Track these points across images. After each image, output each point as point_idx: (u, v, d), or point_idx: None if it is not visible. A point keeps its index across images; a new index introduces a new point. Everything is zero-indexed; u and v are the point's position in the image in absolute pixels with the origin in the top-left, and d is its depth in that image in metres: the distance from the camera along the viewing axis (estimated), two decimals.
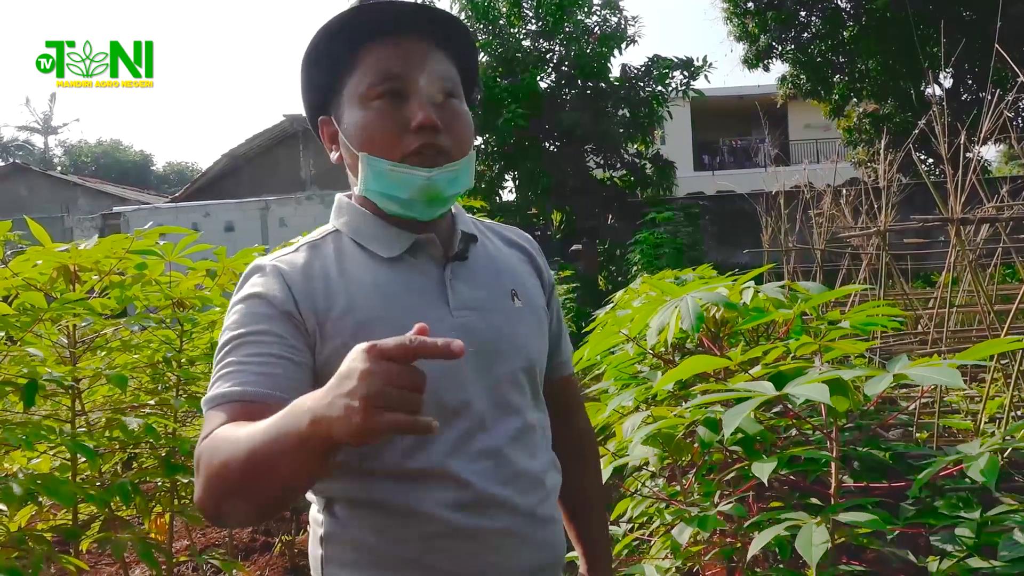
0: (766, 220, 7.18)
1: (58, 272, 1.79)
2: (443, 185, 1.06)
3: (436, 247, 1.11)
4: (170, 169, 47.40)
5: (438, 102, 1.07)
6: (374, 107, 1.06)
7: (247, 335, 0.99)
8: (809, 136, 23.99)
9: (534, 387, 1.15)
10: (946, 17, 13.61)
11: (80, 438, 1.59)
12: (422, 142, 1.04)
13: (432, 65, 1.07)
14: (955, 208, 3.13)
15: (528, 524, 1.06)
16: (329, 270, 1.07)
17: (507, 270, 1.18)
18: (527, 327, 1.15)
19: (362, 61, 1.07)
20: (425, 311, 1.04)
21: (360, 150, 1.07)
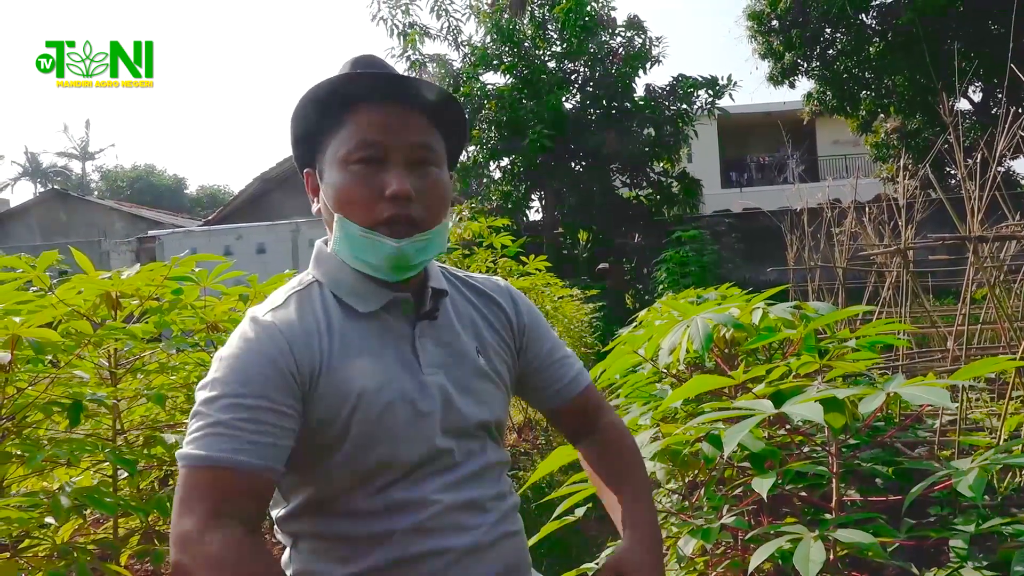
0: (791, 238, 7.19)
1: (101, 299, 1.90)
2: (411, 254, 1.10)
3: (409, 305, 1.16)
4: (203, 192, 48.21)
5: (415, 171, 1.11)
6: (352, 171, 1.10)
7: (242, 399, 1.01)
8: (838, 152, 23.85)
9: (494, 435, 1.22)
10: (973, 31, 13.55)
11: (121, 454, 1.69)
12: (393, 212, 1.08)
13: (413, 135, 1.11)
14: (973, 226, 3.16)
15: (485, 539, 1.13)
16: (319, 324, 1.10)
17: (471, 326, 1.23)
18: (488, 383, 1.20)
19: (347, 124, 1.12)
20: (399, 369, 1.11)
21: (336, 211, 1.12)
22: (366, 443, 1.08)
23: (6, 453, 1.67)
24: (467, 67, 14.28)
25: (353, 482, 1.09)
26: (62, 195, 23.56)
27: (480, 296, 1.28)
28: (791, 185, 8.18)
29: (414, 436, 1.10)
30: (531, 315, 1.31)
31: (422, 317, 1.16)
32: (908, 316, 4.58)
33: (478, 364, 1.19)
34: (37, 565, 1.65)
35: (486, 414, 1.19)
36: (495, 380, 1.22)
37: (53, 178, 44.42)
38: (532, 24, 14.05)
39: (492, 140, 13.80)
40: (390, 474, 1.09)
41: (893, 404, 3.31)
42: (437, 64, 14.36)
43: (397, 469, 1.10)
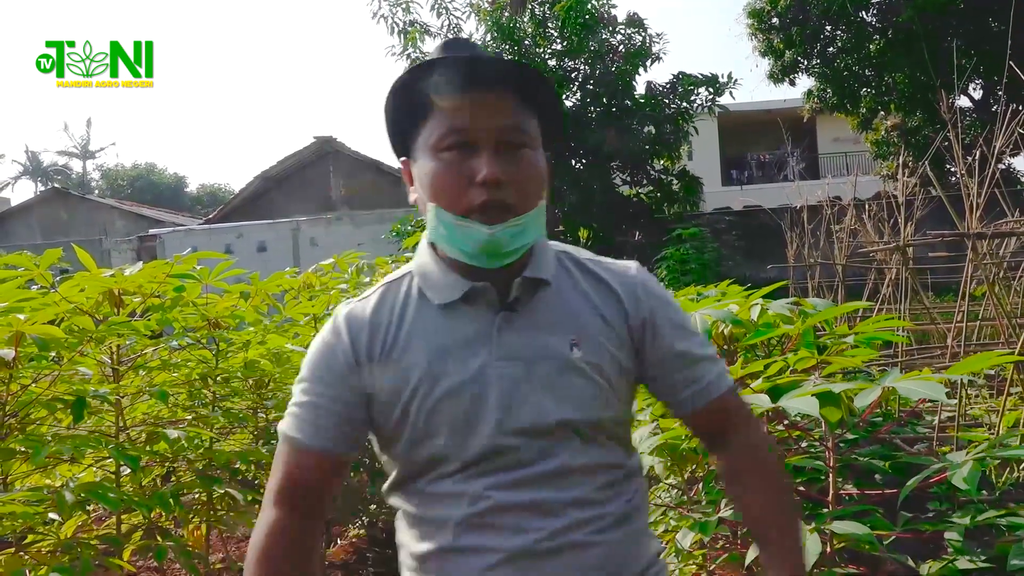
0: (791, 235, 7.21)
1: (103, 296, 1.91)
2: (506, 240, 1.08)
3: (492, 294, 1.12)
4: (203, 191, 48.22)
5: (506, 154, 1.08)
6: (443, 159, 1.09)
7: (309, 385, 1.13)
8: (838, 150, 23.84)
9: (585, 434, 1.12)
10: (973, 28, 13.55)
11: (124, 450, 1.70)
12: (485, 198, 1.06)
13: (503, 118, 1.09)
14: (971, 222, 3.18)
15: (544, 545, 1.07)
16: (392, 316, 1.14)
17: (572, 317, 1.15)
18: (580, 378, 1.12)
19: (437, 111, 1.10)
20: (467, 359, 1.09)
21: (429, 200, 1.11)
22: (422, 434, 1.09)
23: (10, 449, 1.68)
24: None
25: (417, 469, 1.12)
26: (63, 194, 23.60)
27: (597, 284, 1.19)
28: (792, 183, 8.18)
29: (471, 430, 1.08)
30: (657, 309, 1.19)
31: (504, 308, 1.12)
32: (908, 313, 4.59)
33: (568, 357, 1.11)
34: (41, 560, 1.66)
35: (569, 412, 1.10)
36: (590, 375, 1.13)
37: (54, 177, 44.44)
38: (532, 22, 14.04)
39: None
40: (445, 465, 1.10)
41: (892, 400, 3.32)
42: None
43: (453, 462, 1.09)
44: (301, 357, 2.53)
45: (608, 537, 1.11)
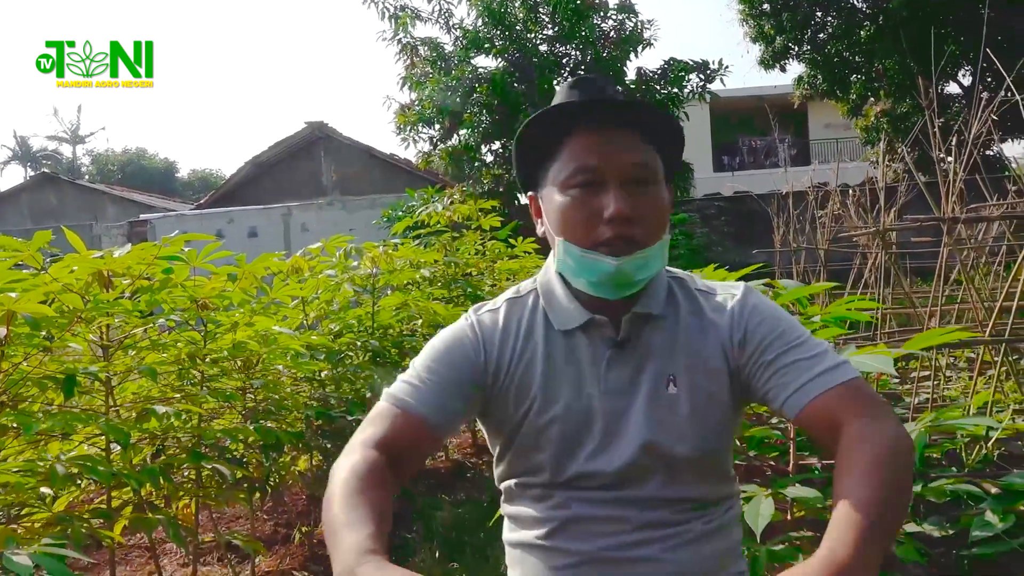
0: (777, 221, 7.28)
1: (93, 277, 1.96)
2: (631, 271, 1.14)
3: (607, 328, 1.19)
4: (194, 176, 48.04)
5: (632, 190, 1.13)
6: (571, 195, 1.15)
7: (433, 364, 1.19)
8: (829, 136, 23.91)
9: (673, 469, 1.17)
10: (963, 15, 13.59)
11: (115, 425, 1.75)
12: (613, 233, 1.12)
13: (630, 156, 1.15)
14: (947, 208, 3.24)
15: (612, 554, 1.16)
16: (519, 331, 1.22)
17: (673, 354, 1.19)
18: (674, 415, 1.17)
19: (566, 149, 1.17)
20: (579, 388, 1.18)
21: (558, 235, 1.18)
22: (530, 446, 1.19)
23: (2, 426, 1.73)
24: (459, 50, 14.25)
25: (518, 470, 1.23)
26: (52, 179, 23.50)
27: (702, 318, 1.21)
28: (782, 169, 8.24)
29: (570, 455, 1.17)
30: (750, 325, 1.18)
31: (616, 343, 1.19)
32: (890, 297, 4.66)
33: (666, 394, 1.17)
34: (34, 533, 1.72)
35: (660, 448, 1.15)
36: (684, 413, 1.17)
37: (43, 162, 44.18)
38: (523, 7, 14.01)
39: (484, 123, 13.80)
40: (541, 476, 1.19)
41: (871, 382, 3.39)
42: (429, 47, 14.32)
43: (548, 475, 1.19)
44: (288, 339, 2.59)
45: (680, 555, 1.15)
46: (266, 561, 3.22)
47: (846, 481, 0.96)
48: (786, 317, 1.19)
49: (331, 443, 2.93)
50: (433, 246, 4.99)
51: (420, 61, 14.40)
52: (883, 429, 1.02)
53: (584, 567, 1.16)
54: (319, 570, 3.14)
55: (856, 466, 0.97)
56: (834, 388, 1.08)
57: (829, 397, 1.07)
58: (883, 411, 1.06)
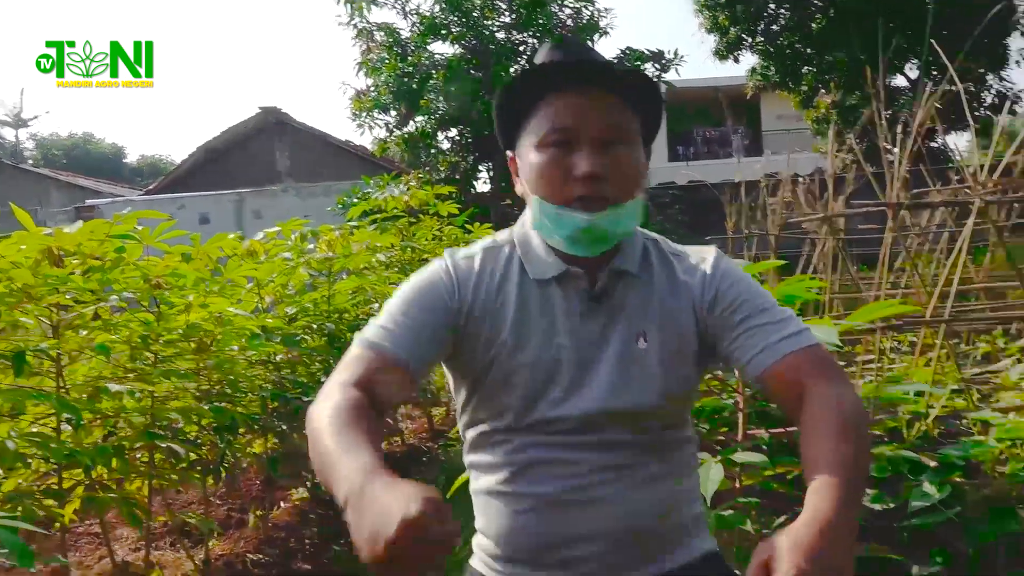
0: (730, 209, 7.40)
1: (42, 255, 1.92)
2: (605, 226, 1.17)
3: (583, 281, 1.21)
4: (143, 162, 47.01)
5: (605, 150, 1.16)
6: (546, 154, 1.18)
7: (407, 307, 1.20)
8: (782, 127, 24.28)
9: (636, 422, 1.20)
10: (911, 9, 13.90)
11: (66, 402, 1.73)
12: (585, 191, 1.15)
13: (603, 117, 1.17)
14: (891, 194, 3.34)
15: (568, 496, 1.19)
16: (492, 279, 1.23)
17: (646, 310, 1.22)
18: (642, 370, 1.20)
19: (542, 109, 1.19)
20: (549, 337, 1.20)
21: (533, 192, 1.21)
22: (498, 389, 1.21)
23: None
24: (415, 36, 14.15)
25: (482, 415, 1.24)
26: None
27: (674, 278, 1.25)
28: (735, 159, 8.38)
29: (535, 402, 1.19)
30: (721, 287, 1.22)
31: (592, 297, 1.21)
32: (838, 283, 4.79)
33: (635, 348, 1.20)
34: None
35: (624, 402, 1.19)
36: (652, 368, 1.21)
37: None
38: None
39: (440, 110, 13.75)
40: (504, 420, 1.21)
41: None
42: (385, 33, 14.19)
43: (511, 420, 1.21)
44: (244, 320, 2.57)
45: (636, 495, 1.19)
46: (220, 545, 3.20)
47: (821, 443, 1.00)
48: (754, 283, 1.24)
49: (287, 425, 2.92)
50: (390, 231, 4.98)
51: (376, 47, 14.27)
52: (845, 394, 1.08)
53: (544, 510, 1.19)
54: (274, 553, 3.13)
55: (828, 429, 1.01)
56: (799, 351, 1.12)
57: (793, 359, 1.12)
58: (843, 377, 1.12)
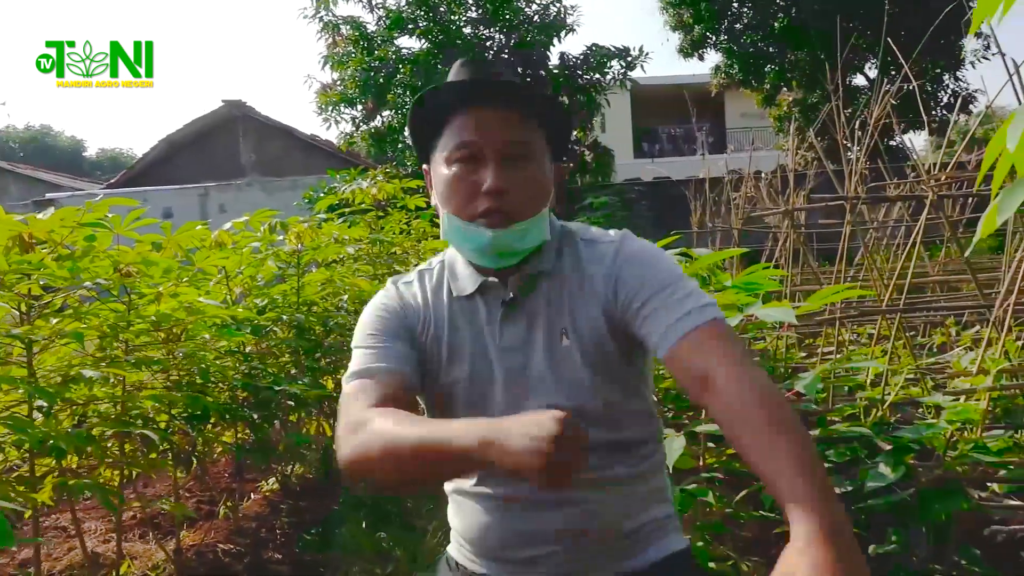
0: (695, 204, 7.51)
1: (13, 241, 1.92)
2: (509, 242, 1.21)
3: (500, 289, 1.26)
4: (103, 156, 46.24)
5: (510, 166, 1.20)
6: (453, 170, 1.22)
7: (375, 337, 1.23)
8: (745, 125, 24.60)
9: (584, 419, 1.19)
10: (869, 10, 14.18)
11: (41, 387, 1.73)
12: (489, 205, 1.19)
13: (508, 134, 1.21)
14: (849, 189, 3.44)
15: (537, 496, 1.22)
16: (427, 300, 1.29)
17: (563, 306, 1.24)
18: (571, 366, 1.22)
19: (448, 127, 1.24)
20: (474, 352, 1.25)
21: (442, 206, 1.25)
22: (443, 407, 1.27)
23: None
24: (381, 30, 14.12)
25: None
26: None
27: (586, 266, 1.26)
28: (700, 155, 8.50)
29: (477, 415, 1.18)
30: (624, 270, 1.21)
31: (505, 303, 1.25)
32: (799, 276, 4.89)
33: (560, 347, 1.22)
34: None
35: (563, 400, 1.20)
36: (580, 364, 1.22)
37: None
38: None
39: (407, 105, 13.72)
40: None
41: (781, 358, 3.59)
42: (351, 26, 14.13)
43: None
44: (215, 310, 2.58)
45: (604, 497, 1.23)
46: (190, 536, 3.20)
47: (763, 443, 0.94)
48: (660, 260, 1.22)
49: (258, 415, 2.93)
50: (359, 224, 4.99)
51: (342, 40, 14.22)
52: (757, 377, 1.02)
53: (509, 510, 1.25)
54: (245, 543, 3.14)
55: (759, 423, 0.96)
56: (699, 328, 1.09)
57: (696, 336, 1.08)
58: (747, 356, 1.08)
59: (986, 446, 2.29)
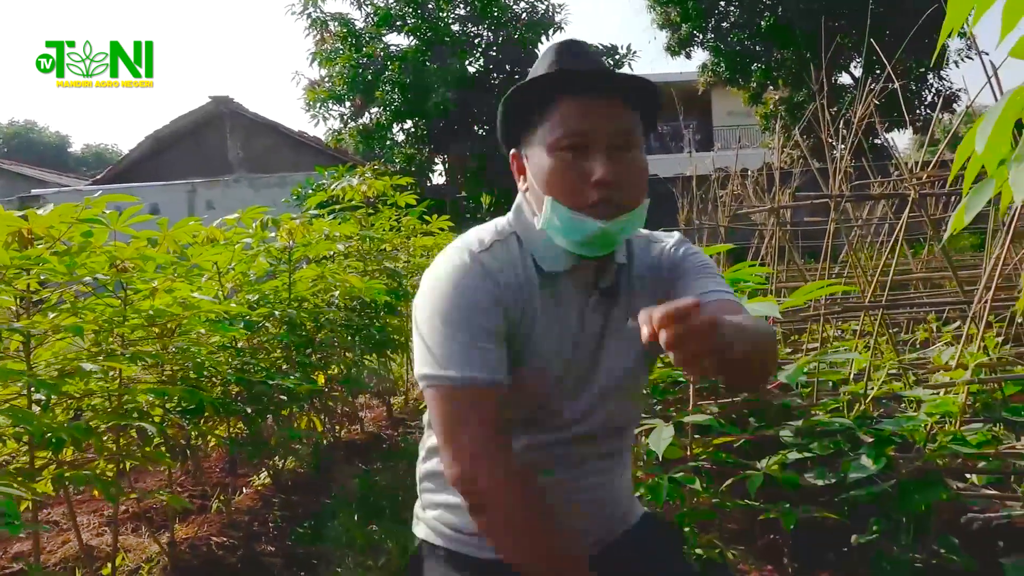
0: (682, 202, 7.58)
1: (12, 237, 1.95)
2: (615, 232, 1.22)
3: (588, 274, 1.29)
4: (88, 151, 45.89)
5: (617, 156, 1.20)
6: (560, 157, 1.21)
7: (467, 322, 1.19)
8: (732, 123, 24.72)
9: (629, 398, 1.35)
10: (854, 9, 14.30)
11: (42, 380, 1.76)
12: (599, 196, 1.19)
13: (615, 123, 1.21)
14: (833, 187, 3.50)
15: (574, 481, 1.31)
16: (519, 277, 1.25)
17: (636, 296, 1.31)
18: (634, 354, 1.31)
19: (555, 113, 1.22)
20: (567, 329, 1.26)
21: (546, 193, 1.23)
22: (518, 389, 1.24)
23: None
24: (370, 27, 14.12)
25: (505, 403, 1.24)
26: None
27: (651, 261, 1.35)
28: (687, 153, 8.58)
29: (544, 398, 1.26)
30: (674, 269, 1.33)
31: (600, 290, 1.28)
32: (785, 274, 4.96)
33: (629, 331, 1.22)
34: None
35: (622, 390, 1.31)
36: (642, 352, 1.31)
37: None
38: None
39: (395, 102, 13.74)
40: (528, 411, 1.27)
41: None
42: (339, 23, 14.12)
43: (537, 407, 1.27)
44: (210, 305, 2.61)
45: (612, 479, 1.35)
46: (183, 530, 3.23)
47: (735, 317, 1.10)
48: (706, 261, 1.35)
49: (252, 409, 2.97)
50: (348, 221, 5.02)
51: (330, 37, 14.20)
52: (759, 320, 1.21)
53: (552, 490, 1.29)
54: (238, 536, 3.17)
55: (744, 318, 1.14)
56: (729, 299, 1.24)
57: (724, 302, 1.22)
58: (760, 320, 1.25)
59: (964, 438, 2.35)
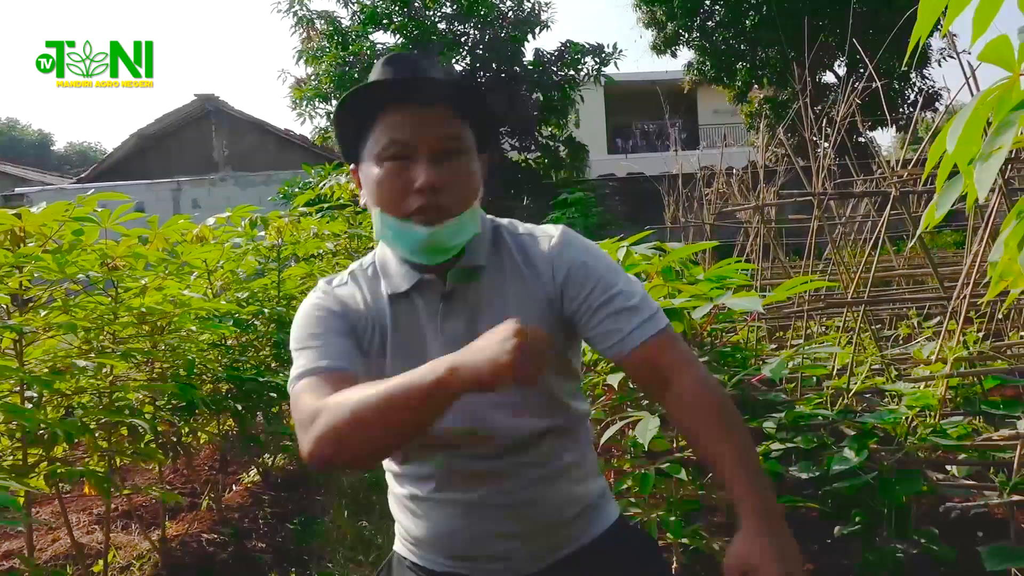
0: (668, 200, 7.64)
1: (5, 235, 1.96)
2: (444, 238, 1.20)
3: (437, 285, 1.26)
4: (72, 149, 45.53)
5: (442, 162, 1.19)
6: (385, 168, 1.20)
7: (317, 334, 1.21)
8: (717, 121, 24.82)
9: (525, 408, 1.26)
10: (839, 9, 14.41)
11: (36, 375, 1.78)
12: (423, 202, 1.17)
13: (436, 129, 1.20)
14: (816, 184, 3.56)
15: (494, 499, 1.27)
16: (364, 299, 1.27)
17: (502, 298, 1.26)
18: None
19: (378, 124, 1.21)
20: (414, 348, 1.24)
21: (374, 205, 1.23)
22: None
23: None
24: (356, 25, 14.10)
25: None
26: None
27: (525, 259, 1.29)
28: (673, 151, 8.63)
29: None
30: (574, 268, 1.26)
31: (442, 298, 1.26)
32: (769, 271, 5.01)
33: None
34: None
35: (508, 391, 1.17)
36: None
37: None
38: None
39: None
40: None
41: (752, 351, 3.70)
42: (325, 21, 14.09)
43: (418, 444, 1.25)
44: (200, 302, 2.62)
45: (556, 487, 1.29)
46: (174, 527, 3.24)
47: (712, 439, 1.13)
48: (602, 259, 1.28)
49: (242, 405, 2.99)
50: (337, 219, 5.03)
51: (317, 35, 14.18)
52: (707, 379, 1.19)
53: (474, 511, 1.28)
54: (228, 532, 3.19)
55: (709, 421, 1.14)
56: (653, 337, 1.20)
57: (650, 345, 1.20)
58: (693, 358, 1.24)
59: (944, 431, 2.40)
